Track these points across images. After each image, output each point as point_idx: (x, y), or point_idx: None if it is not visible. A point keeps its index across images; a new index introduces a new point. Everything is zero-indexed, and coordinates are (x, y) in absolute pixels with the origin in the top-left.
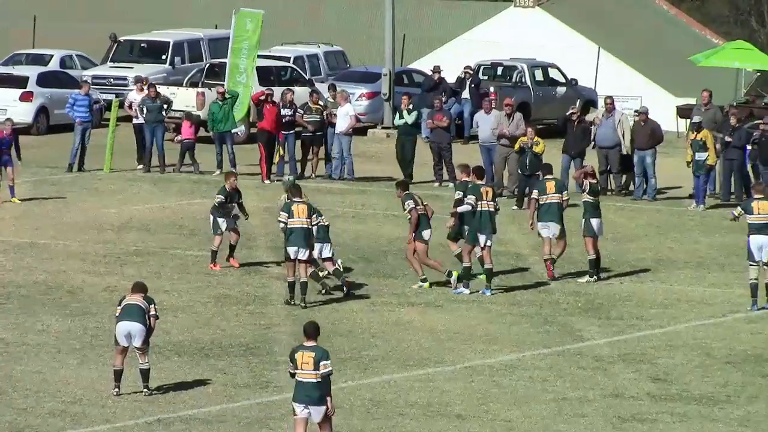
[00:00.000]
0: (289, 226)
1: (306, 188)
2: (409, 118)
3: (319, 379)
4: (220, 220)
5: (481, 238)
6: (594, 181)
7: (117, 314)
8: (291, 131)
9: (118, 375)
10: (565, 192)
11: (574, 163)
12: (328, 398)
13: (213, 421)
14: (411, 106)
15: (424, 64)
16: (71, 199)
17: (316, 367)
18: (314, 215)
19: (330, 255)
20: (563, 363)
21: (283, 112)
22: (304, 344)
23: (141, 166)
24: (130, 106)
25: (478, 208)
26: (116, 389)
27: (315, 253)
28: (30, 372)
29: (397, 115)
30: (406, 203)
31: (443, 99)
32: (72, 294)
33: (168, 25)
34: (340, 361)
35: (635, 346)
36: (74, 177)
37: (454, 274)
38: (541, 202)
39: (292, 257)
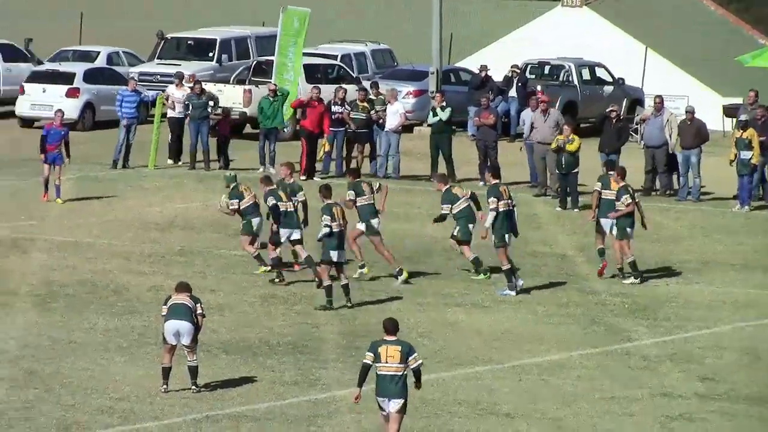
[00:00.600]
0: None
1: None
2: (443, 115)
3: (404, 373)
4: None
5: (507, 236)
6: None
7: (164, 313)
8: (341, 128)
9: (166, 372)
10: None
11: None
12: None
13: (261, 419)
14: (444, 104)
15: (471, 63)
16: (116, 197)
17: (403, 360)
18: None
19: (299, 238)
20: (611, 363)
21: (334, 109)
22: (385, 339)
23: (171, 161)
24: (167, 99)
25: (500, 210)
26: (164, 386)
27: (283, 237)
28: (78, 369)
29: (431, 112)
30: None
31: (490, 97)
32: (118, 293)
33: (215, 23)
34: None
35: (682, 347)
36: (119, 174)
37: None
38: (603, 197)
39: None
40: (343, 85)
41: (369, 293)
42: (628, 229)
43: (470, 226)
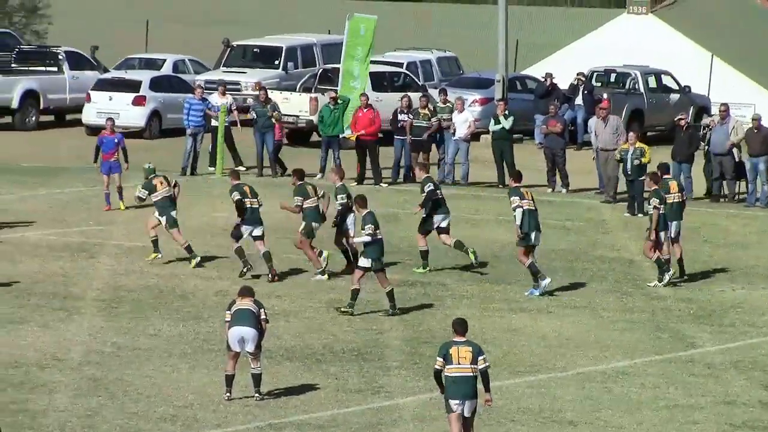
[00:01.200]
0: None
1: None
2: (506, 123)
3: (476, 374)
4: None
5: (533, 237)
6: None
7: (228, 319)
8: (403, 137)
9: (229, 380)
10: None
11: (681, 169)
12: (488, 393)
13: (324, 426)
14: (507, 112)
15: (536, 71)
16: (183, 203)
17: (474, 361)
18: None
19: (260, 234)
20: (675, 370)
21: (400, 117)
22: (455, 340)
23: (211, 168)
24: (209, 109)
25: (524, 207)
26: (228, 394)
27: (245, 233)
28: (141, 376)
29: (493, 120)
30: (295, 198)
31: (557, 105)
32: (184, 298)
33: (281, 31)
34: None
35: (747, 354)
36: (186, 181)
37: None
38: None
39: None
40: (408, 94)
41: (434, 298)
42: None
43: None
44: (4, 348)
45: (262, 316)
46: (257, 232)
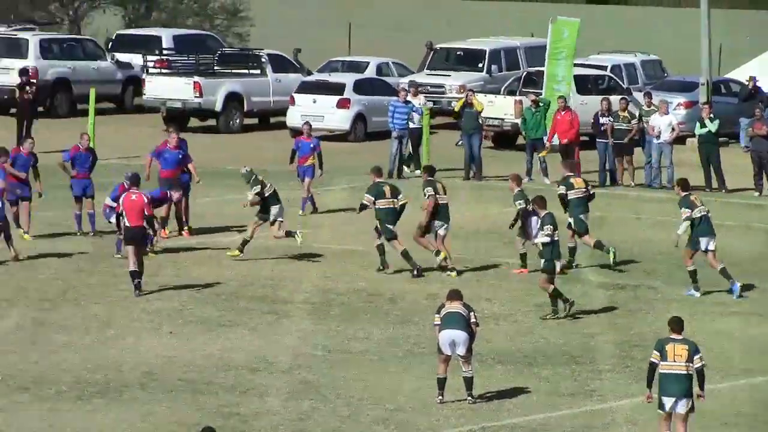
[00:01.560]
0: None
1: (626, 197)
2: (712, 127)
3: (691, 372)
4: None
5: (703, 242)
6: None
7: (438, 323)
8: (606, 140)
9: (441, 383)
10: None
11: None
12: (702, 391)
13: (537, 430)
14: (712, 115)
15: (741, 74)
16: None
17: (690, 359)
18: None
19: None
20: None
21: (602, 120)
22: (671, 337)
23: (407, 170)
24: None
25: (696, 215)
26: (440, 397)
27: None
28: (353, 379)
29: (698, 124)
30: (426, 189)
31: (762, 108)
32: (393, 302)
33: (484, 34)
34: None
35: None
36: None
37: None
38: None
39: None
40: (608, 96)
41: (644, 302)
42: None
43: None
44: (215, 351)
45: (472, 320)
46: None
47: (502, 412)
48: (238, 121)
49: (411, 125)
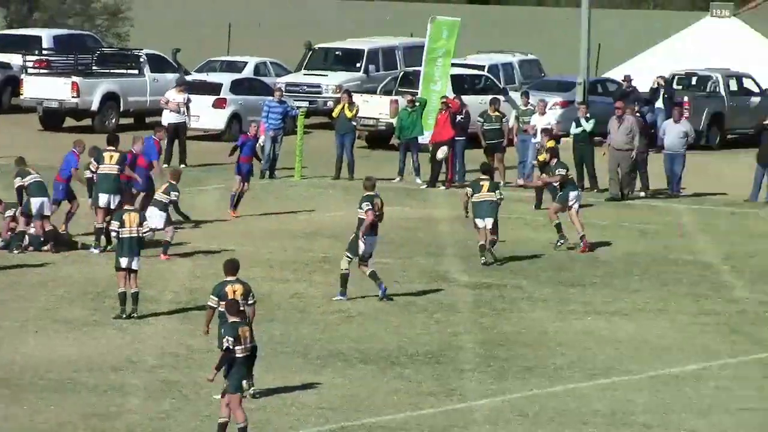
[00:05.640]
0: None
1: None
2: (587, 126)
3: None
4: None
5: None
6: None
7: (213, 305)
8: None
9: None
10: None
11: (767, 172)
12: None
13: (397, 429)
14: (588, 115)
15: (618, 74)
16: (262, 206)
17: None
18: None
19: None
20: (749, 373)
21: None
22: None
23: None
24: (166, 104)
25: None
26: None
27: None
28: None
29: (574, 123)
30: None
31: (636, 108)
32: (259, 301)
33: (363, 34)
34: (525, 370)
35: None
36: (265, 184)
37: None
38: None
39: None
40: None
41: (509, 301)
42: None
43: None
44: (80, 351)
45: (250, 301)
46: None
47: (362, 411)
48: (113, 120)
49: (168, 119)
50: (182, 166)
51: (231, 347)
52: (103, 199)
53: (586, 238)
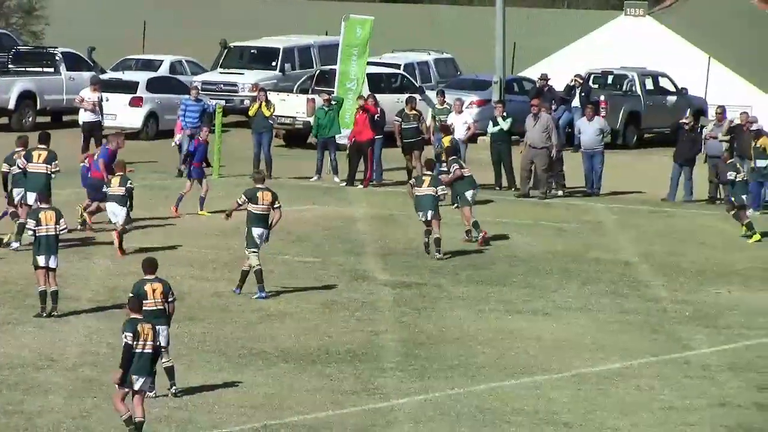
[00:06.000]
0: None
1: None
2: (505, 125)
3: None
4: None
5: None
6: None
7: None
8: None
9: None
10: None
11: (683, 171)
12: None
13: (319, 428)
14: (505, 114)
15: (534, 72)
16: (180, 205)
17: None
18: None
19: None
20: (670, 372)
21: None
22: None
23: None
24: (81, 102)
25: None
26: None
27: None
28: None
29: (491, 122)
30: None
31: (552, 107)
32: (179, 299)
33: (278, 32)
34: (447, 368)
35: (742, 355)
36: (183, 183)
37: None
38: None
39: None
40: (373, 94)
41: (429, 300)
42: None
43: None
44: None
45: (170, 299)
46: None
47: (284, 410)
48: (30, 119)
49: (84, 117)
50: None
51: (129, 342)
52: (31, 197)
53: (472, 233)
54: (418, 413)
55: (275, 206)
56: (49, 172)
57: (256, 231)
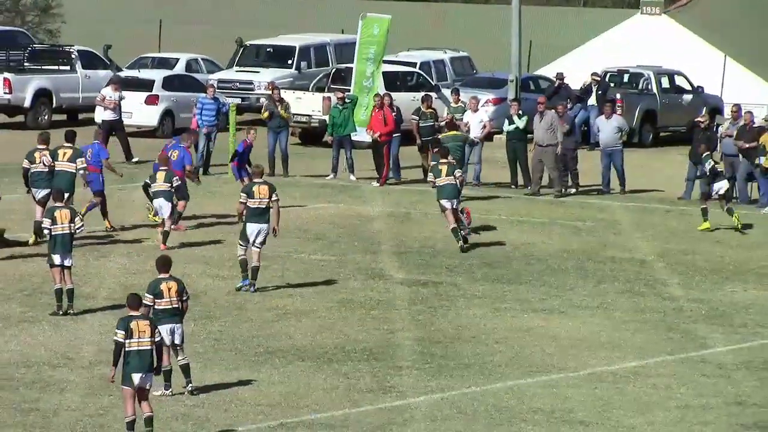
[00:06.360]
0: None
1: (432, 192)
2: (520, 123)
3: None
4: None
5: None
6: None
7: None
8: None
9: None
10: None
11: (698, 170)
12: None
13: (336, 426)
14: (521, 112)
15: (550, 71)
16: (195, 203)
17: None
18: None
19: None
20: (686, 370)
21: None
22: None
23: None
24: (102, 101)
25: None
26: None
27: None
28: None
29: (507, 121)
30: None
31: (568, 105)
32: (195, 297)
33: (295, 30)
34: (463, 367)
35: (758, 354)
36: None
37: None
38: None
39: None
40: (390, 93)
41: (446, 298)
42: None
43: None
44: (16, 347)
45: (184, 297)
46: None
47: (301, 408)
48: (46, 117)
49: (102, 116)
50: (135, 160)
51: (120, 341)
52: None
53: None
54: (435, 412)
55: (272, 199)
56: (74, 171)
57: (251, 227)
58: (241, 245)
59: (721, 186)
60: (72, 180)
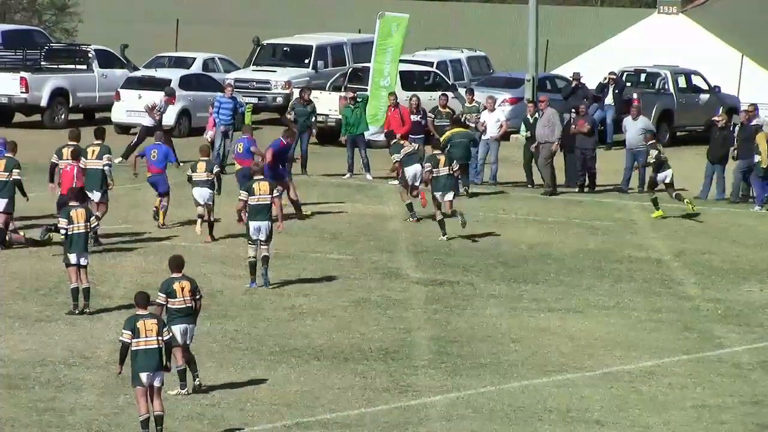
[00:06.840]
0: None
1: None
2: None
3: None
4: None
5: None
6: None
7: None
8: (419, 136)
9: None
10: None
11: (715, 170)
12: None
13: (352, 425)
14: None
15: (566, 70)
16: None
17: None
18: None
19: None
20: (702, 370)
21: (412, 117)
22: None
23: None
24: (152, 109)
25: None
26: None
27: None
28: (169, 374)
29: (523, 124)
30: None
31: (586, 105)
32: (211, 296)
33: (311, 30)
34: (479, 366)
35: None
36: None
37: None
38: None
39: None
40: (417, 93)
41: (462, 298)
42: None
43: None
44: (32, 346)
45: (197, 296)
46: None
47: (316, 407)
48: (63, 116)
49: (145, 122)
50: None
51: (126, 341)
52: (93, 195)
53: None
54: (450, 411)
55: (273, 195)
56: (101, 167)
57: (253, 224)
58: (250, 245)
59: (666, 174)
60: (102, 177)
